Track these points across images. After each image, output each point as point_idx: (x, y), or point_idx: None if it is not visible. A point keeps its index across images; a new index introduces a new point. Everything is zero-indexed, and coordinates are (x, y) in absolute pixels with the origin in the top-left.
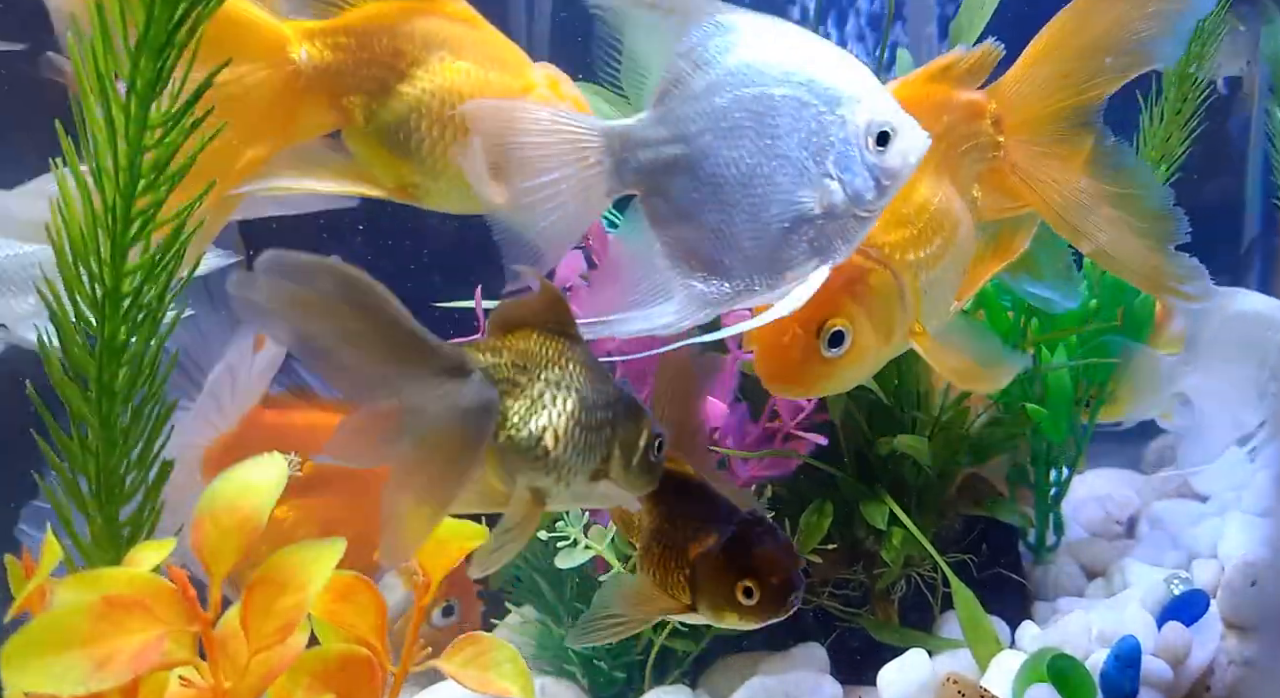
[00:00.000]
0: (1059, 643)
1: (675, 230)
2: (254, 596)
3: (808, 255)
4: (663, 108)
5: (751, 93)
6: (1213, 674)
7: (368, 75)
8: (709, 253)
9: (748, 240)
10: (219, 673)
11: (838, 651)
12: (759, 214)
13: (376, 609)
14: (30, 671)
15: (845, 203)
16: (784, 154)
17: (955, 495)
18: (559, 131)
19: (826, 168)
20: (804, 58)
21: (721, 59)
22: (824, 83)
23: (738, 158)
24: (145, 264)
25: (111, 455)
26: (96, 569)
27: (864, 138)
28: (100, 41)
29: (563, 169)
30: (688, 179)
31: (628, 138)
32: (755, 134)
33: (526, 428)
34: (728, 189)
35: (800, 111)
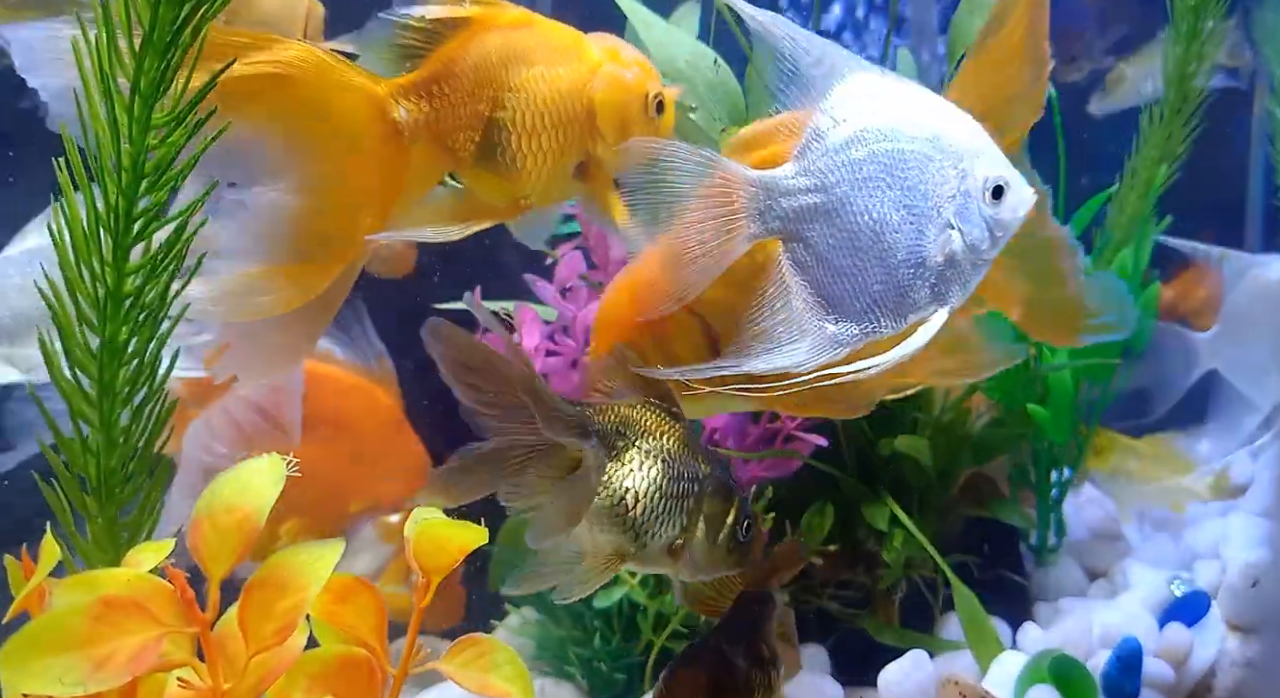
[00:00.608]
0: (1060, 644)
1: (812, 274)
2: (253, 597)
3: (929, 300)
4: (805, 160)
5: (885, 148)
6: (1214, 675)
7: (465, 113)
8: (841, 296)
9: (877, 285)
10: (217, 674)
11: (838, 652)
12: (887, 260)
13: (376, 611)
14: (29, 671)
15: (964, 251)
16: (912, 205)
17: (956, 496)
18: (710, 175)
19: (948, 218)
20: (931, 116)
21: (859, 115)
22: (948, 140)
23: (871, 208)
24: (147, 264)
25: (111, 456)
26: (95, 571)
27: (982, 191)
28: (104, 42)
29: (710, 211)
30: (826, 226)
31: (774, 187)
32: (887, 186)
33: (612, 487)
34: (861, 237)
35: (927, 166)
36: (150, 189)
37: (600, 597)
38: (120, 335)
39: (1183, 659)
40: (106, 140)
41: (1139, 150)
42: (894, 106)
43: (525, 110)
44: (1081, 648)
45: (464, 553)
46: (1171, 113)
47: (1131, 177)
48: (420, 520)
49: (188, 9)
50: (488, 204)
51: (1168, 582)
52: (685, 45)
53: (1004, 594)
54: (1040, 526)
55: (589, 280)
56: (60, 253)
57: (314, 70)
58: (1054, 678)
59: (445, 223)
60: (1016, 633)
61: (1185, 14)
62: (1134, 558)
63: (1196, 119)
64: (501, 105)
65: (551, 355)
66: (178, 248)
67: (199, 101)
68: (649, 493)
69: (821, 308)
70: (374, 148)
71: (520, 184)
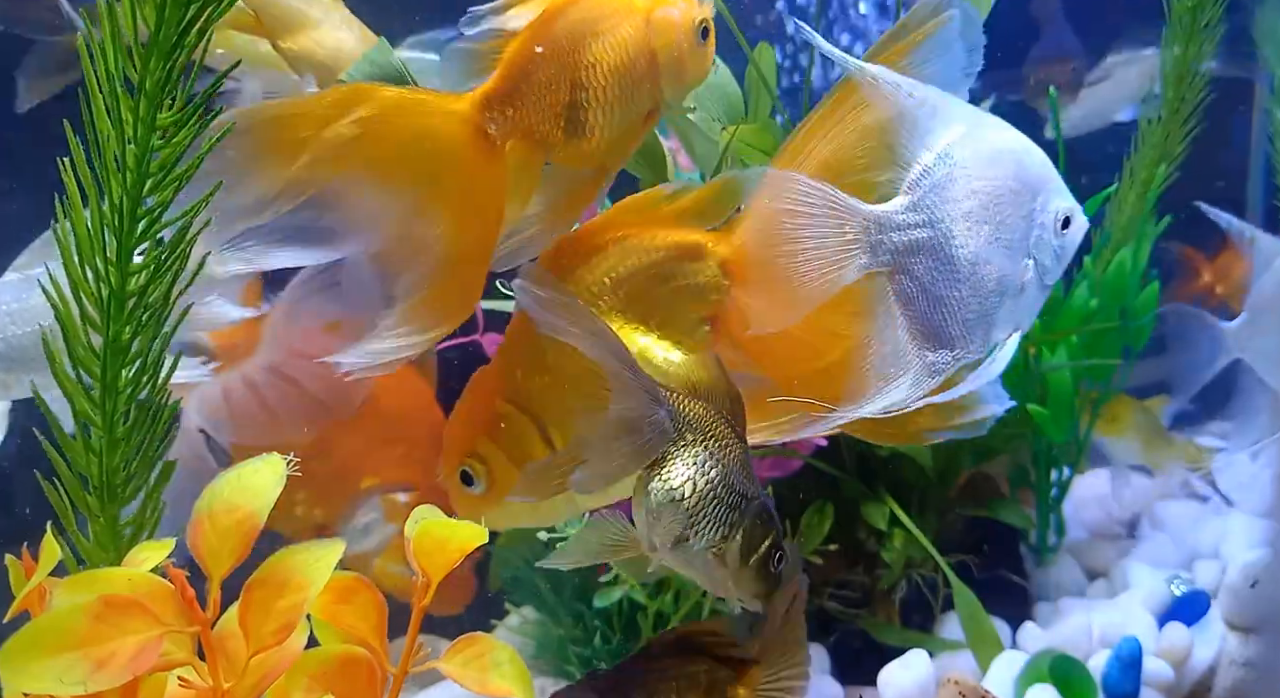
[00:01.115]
0: (1060, 644)
1: (915, 305)
2: (253, 596)
3: (1008, 325)
4: (913, 195)
5: (981, 184)
6: (1214, 675)
7: (548, 103)
8: (939, 325)
9: (970, 313)
10: (218, 674)
11: (838, 651)
12: (980, 289)
13: (376, 610)
14: (29, 671)
15: (1036, 279)
16: (1002, 237)
17: (956, 496)
18: (828, 207)
19: (1028, 248)
20: (1017, 152)
21: (960, 153)
22: (1031, 174)
23: (970, 240)
24: (150, 264)
25: (114, 456)
26: (95, 570)
27: (1054, 222)
28: (110, 42)
29: (825, 240)
30: (930, 259)
31: (886, 221)
32: (983, 220)
33: (673, 471)
34: (960, 267)
35: (1015, 200)
36: (155, 189)
37: (600, 597)
38: (124, 335)
39: (1182, 659)
40: (112, 140)
41: (1138, 150)
42: (986, 143)
43: (602, 83)
44: (1081, 648)
45: (464, 553)
46: (1170, 113)
47: (1130, 176)
48: (420, 520)
49: (194, 10)
50: (581, 181)
51: (1167, 582)
52: None
53: (1004, 594)
54: (1040, 525)
55: None
56: (64, 252)
57: (394, 111)
58: (1054, 678)
59: (558, 215)
60: (1016, 633)
61: (1183, 14)
62: (1134, 558)
63: (1196, 119)
64: (580, 85)
65: None
66: (181, 248)
67: (205, 101)
68: (705, 490)
69: (921, 338)
70: (475, 164)
71: (607, 150)
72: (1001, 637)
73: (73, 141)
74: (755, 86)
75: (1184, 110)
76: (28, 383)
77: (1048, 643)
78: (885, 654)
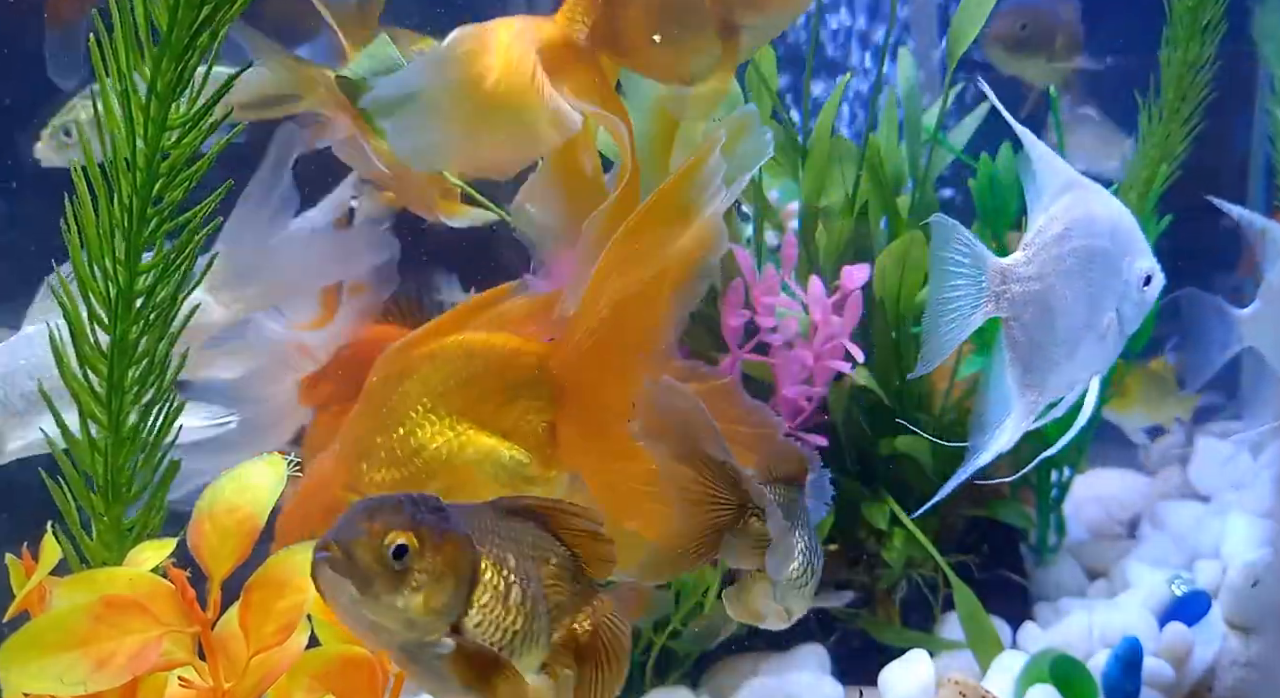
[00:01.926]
0: (1060, 644)
1: (1021, 350)
2: (253, 596)
3: (1090, 369)
4: (1030, 250)
5: (1083, 244)
6: (1215, 675)
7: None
8: (1038, 368)
9: (1062, 358)
10: (218, 674)
11: (839, 651)
12: (1070, 336)
13: None
14: (29, 671)
15: (1118, 328)
16: (1093, 291)
17: (956, 496)
18: (969, 254)
19: (1114, 300)
20: (1113, 217)
21: (1067, 215)
22: (1122, 238)
23: (1068, 293)
24: (159, 263)
25: (119, 455)
26: (96, 570)
27: (1138, 280)
28: (123, 42)
29: (962, 283)
30: (1038, 309)
31: (1010, 273)
32: (1079, 275)
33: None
34: (1059, 317)
35: (1106, 259)
36: (164, 189)
37: None
38: (131, 334)
39: (1183, 659)
40: (122, 139)
41: (1138, 150)
42: (1090, 208)
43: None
44: (1081, 648)
45: None
46: (1170, 112)
47: (1131, 176)
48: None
49: (206, 11)
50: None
51: (1168, 582)
52: None
53: (1004, 594)
54: (1040, 525)
55: None
56: (73, 251)
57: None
58: (1054, 678)
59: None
60: (1016, 633)
61: (1184, 14)
62: (1134, 558)
63: (1197, 118)
64: None
65: None
66: (191, 247)
67: (215, 102)
68: (804, 561)
69: (1025, 380)
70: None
71: (680, 54)
72: (1002, 637)
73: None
74: (756, 88)
75: (1184, 110)
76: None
77: (1048, 643)
78: (885, 654)
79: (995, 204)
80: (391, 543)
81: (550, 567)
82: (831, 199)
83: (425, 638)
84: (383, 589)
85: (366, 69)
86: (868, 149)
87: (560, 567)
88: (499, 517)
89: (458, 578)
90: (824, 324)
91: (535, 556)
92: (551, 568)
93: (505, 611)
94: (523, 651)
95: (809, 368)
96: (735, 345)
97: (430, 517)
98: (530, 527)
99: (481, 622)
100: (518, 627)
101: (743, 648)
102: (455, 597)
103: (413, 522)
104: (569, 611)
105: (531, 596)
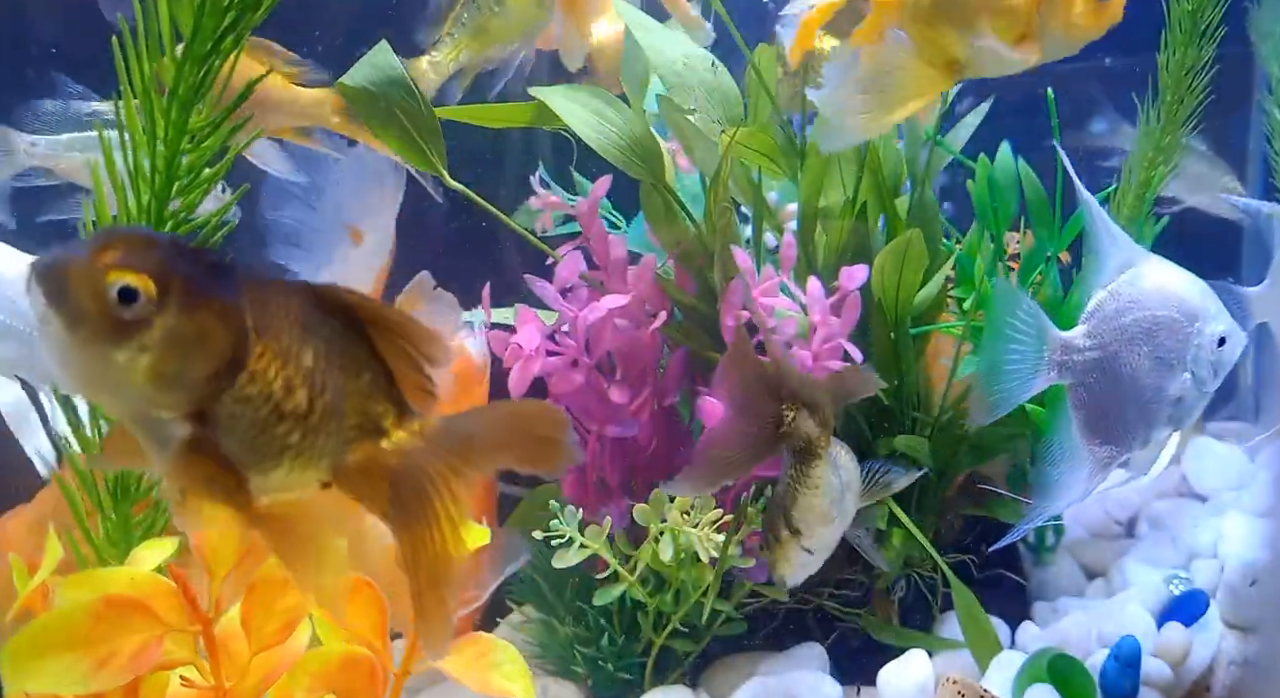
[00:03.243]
0: (1059, 643)
1: (1089, 411)
2: (255, 595)
3: (1168, 426)
4: (1091, 323)
5: (1144, 314)
6: (1213, 674)
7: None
8: (1106, 426)
9: (1132, 416)
10: (220, 673)
11: (838, 650)
12: (1139, 398)
13: (378, 609)
14: (30, 671)
15: (1194, 388)
16: (1161, 356)
17: (955, 496)
18: (1036, 325)
19: (1186, 364)
20: (1177, 287)
21: (1128, 290)
22: (1189, 306)
23: (1133, 359)
24: None
25: None
26: (97, 569)
27: (1211, 342)
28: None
29: (1023, 350)
30: (1101, 374)
31: (1071, 345)
32: (1144, 343)
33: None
34: (1124, 382)
35: (1173, 326)
36: (182, 192)
37: (600, 595)
38: None
39: (1181, 658)
40: (142, 142)
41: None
42: (1150, 281)
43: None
44: (1080, 647)
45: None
46: (1169, 116)
47: (1129, 176)
48: None
49: (229, 19)
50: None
51: (1166, 581)
52: (682, 47)
53: (1002, 594)
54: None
55: (589, 280)
56: None
57: None
58: (1052, 677)
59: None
60: (1015, 632)
61: (1182, 18)
62: (1132, 557)
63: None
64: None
65: (552, 355)
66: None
67: (234, 109)
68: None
69: (1095, 438)
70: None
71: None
72: (1000, 636)
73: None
74: (755, 89)
75: (1183, 112)
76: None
77: (1046, 642)
78: (884, 654)
79: (994, 205)
80: (117, 282)
81: (360, 383)
82: (830, 200)
83: (153, 412)
84: (95, 336)
85: (364, 77)
86: (867, 150)
87: (373, 385)
88: (311, 307)
89: (208, 352)
90: (822, 325)
91: (344, 365)
92: (361, 385)
93: (277, 415)
94: (293, 467)
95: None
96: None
97: (188, 266)
98: (351, 335)
99: (239, 418)
100: (292, 441)
101: (742, 648)
102: (199, 374)
103: (160, 266)
104: (372, 435)
105: (321, 409)
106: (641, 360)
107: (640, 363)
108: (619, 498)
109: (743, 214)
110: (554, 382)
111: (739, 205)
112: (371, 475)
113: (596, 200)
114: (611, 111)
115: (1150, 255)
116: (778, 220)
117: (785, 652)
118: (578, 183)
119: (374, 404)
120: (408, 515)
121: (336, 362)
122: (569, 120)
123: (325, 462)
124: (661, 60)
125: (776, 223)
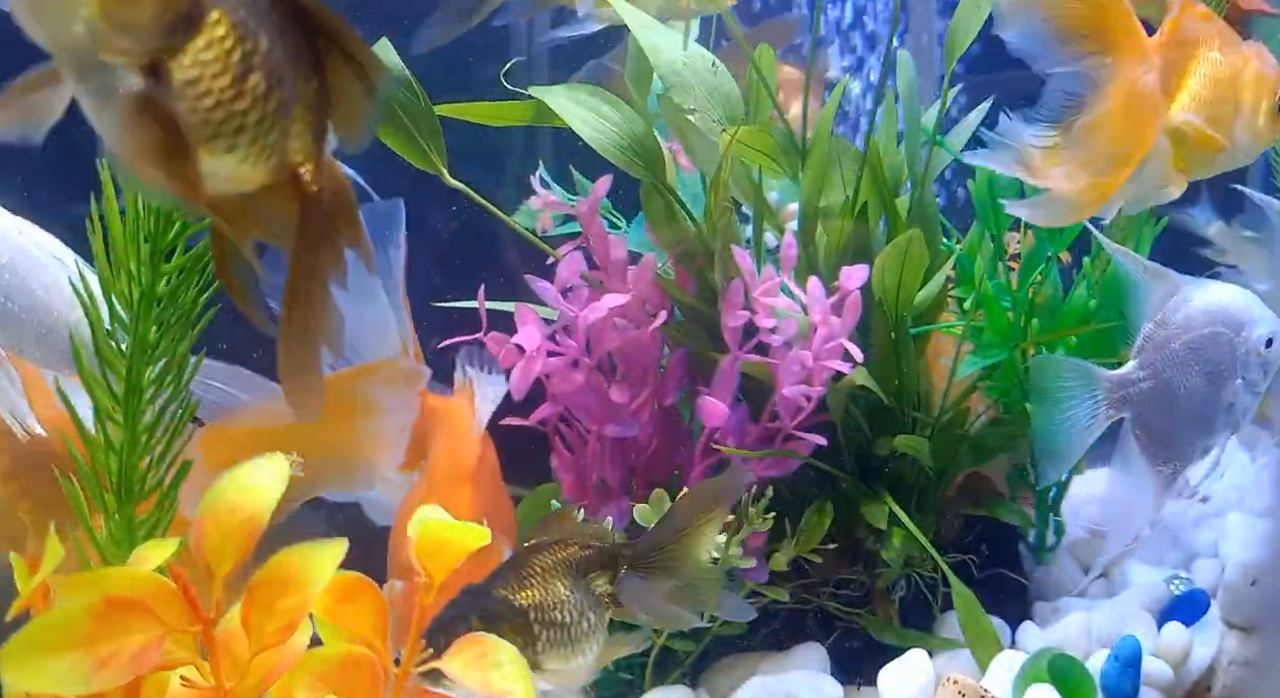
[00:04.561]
0: (1059, 643)
1: (1150, 435)
2: (255, 595)
3: (1224, 431)
4: (1141, 357)
5: (1192, 336)
6: (1213, 675)
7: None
8: (1166, 445)
9: (1189, 430)
10: (220, 673)
11: (838, 651)
12: (1195, 413)
13: (379, 610)
14: (31, 671)
15: (1246, 391)
16: (1212, 371)
17: (955, 496)
18: (1085, 373)
19: (1236, 371)
20: (1219, 301)
21: (1173, 316)
22: (1235, 317)
23: (1186, 381)
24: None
25: (134, 453)
26: (98, 569)
27: (1259, 345)
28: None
29: (1078, 403)
30: (1156, 401)
31: (1124, 382)
32: (1194, 363)
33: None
34: (1179, 402)
35: (1219, 340)
36: None
37: None
38: (150, 335)
39: (1181, 659)
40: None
41: None
42: (1193, 305)
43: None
44: (1080, 647)
45: (466, 553)
46: None
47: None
48: (423, 520)
49: None
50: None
51: (1166, 581)
52: (682, 47)
53: (1003, 594)
54: (1039, 525)
55: (590, 280)
56: (97, 252)
57: None
58: (1053, 677)
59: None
60: (1015, 632)
61: None
62: (1133, 557)
63: None
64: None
65: (552, 356)
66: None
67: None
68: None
69: (1156, 458)
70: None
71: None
72: (1000, 636)
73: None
74: (755, 88)
75: None
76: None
77: (1047, 642)
78: (885, 654)
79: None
80: None
81: (309, 88)
82: (831, 200)
83: (103, 55)
84: None
85: None
86: (868, 150)
87: (319, 96)
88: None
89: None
90: (823, 324)
91: (296, 64)
92: (309, 90)
93: (233, 88)
94: (246, 155)
95: (808, 368)
96: (735, 346)
97: None
98: (303, 40)
99: (196, 81)
100: (249, 121)
101: (742, 648)
102: (154, 22)
103: None
104: (298, 148)
105: (277, 100)
106: (642, 360)
107: (640, 363)
108: (619, 498)
109: (743, 214)
110: (554, 381)
111: (739, 205)
112: (300, 188)
113: (597, 200)
114: (611, 111)
115: (1191, 280)
116: (778, 220)
117: (785, 652)
118: (578, 183)
119: (319, 115)
120: (307, 243)
121: (291, 57)
122: (569, 119)
123: (274, 160)
124: (662, 60)
125: (777, 223)
